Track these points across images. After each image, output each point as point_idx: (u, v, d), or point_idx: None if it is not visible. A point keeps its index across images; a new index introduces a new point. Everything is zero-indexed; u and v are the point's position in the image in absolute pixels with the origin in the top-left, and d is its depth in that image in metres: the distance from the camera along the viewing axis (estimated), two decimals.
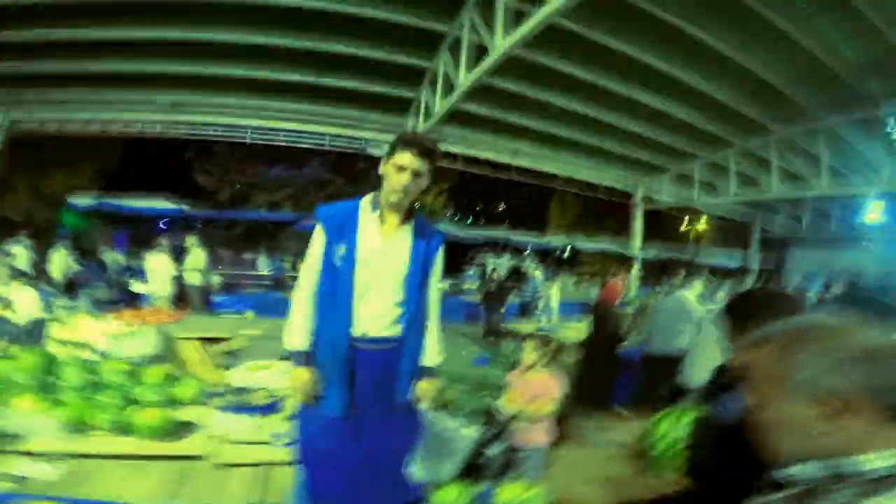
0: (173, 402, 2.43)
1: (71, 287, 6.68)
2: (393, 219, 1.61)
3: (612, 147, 9.60)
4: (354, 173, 17.04)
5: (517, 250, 19.94)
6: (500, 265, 19.00)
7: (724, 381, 1.32)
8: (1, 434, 1.77)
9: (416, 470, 1.54)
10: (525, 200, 24.97)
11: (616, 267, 6.74)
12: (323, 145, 9.80)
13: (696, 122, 8.11)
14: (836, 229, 14.07)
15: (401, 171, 1.51)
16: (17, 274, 4.76)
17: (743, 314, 1.10)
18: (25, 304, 4.35)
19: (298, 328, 1.60)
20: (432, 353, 1.69)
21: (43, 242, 7.90)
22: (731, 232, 21.10)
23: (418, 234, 1.63)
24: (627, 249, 13.61)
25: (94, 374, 2.52)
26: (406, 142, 1.53)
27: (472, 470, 2.30)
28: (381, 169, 1.57)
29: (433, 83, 6.84)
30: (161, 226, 13.44)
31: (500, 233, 17.59)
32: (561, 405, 2.49)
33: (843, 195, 10.17)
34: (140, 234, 13.63)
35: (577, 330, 6.20)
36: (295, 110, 8.65)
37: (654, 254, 16.16)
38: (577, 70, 6.53)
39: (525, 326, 6.75)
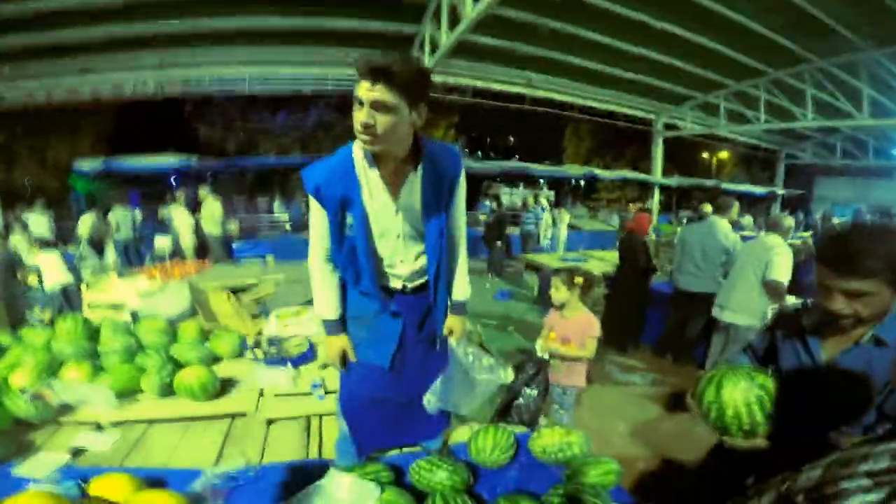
0: (212, 358, 2.48)
1: (98, 247, 6.77)
2: (395, 166, 1.35)
3: (633, 76, 9.05)
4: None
5: (532, 181, 19.51)
6: (514, 196, 18.73)
7: (796, 325, 1.22)
8: (55, 405, 1.81)
9: (436, 399, 1.54)
10: (539, 132, 24.10)
11: (638, 194, 6.52)
12: (326, 88, 9.36)
13: (726, 52, 7.56)
14: (871, 159, 13.24)
15: (359, 107, 1.20)
16: (39, 241, 4.80)
17: (845, 255, 0.97)
18: (52, 269, 4.42)
19: (324, 296, 1.51)
20: (461, 287, 1.62)
21: (58, 209, 7.94)
22: (755, 160, 20.13)
23: (430, 172, 1.39)
24: (648, 177, 13.20)
25: (132, 335, 2.57)
26: (360, 68, 1.18)
27: (507, 411, 2.35)
28: None
29: (437, 16, 6.38)
30: (172, 181, 13.34)
31: (514, 164, 16.99)
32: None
33: (883, 126, 9.54)
34: (153, 191, 13.69)
35: (602, 261, 6.15)
36: (293, 55, 8.21)
37: (677, 181, 15.49)
38: None
39: (546, 258, 6.69)
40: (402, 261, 1.48)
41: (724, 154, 21.84)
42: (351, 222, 1.39)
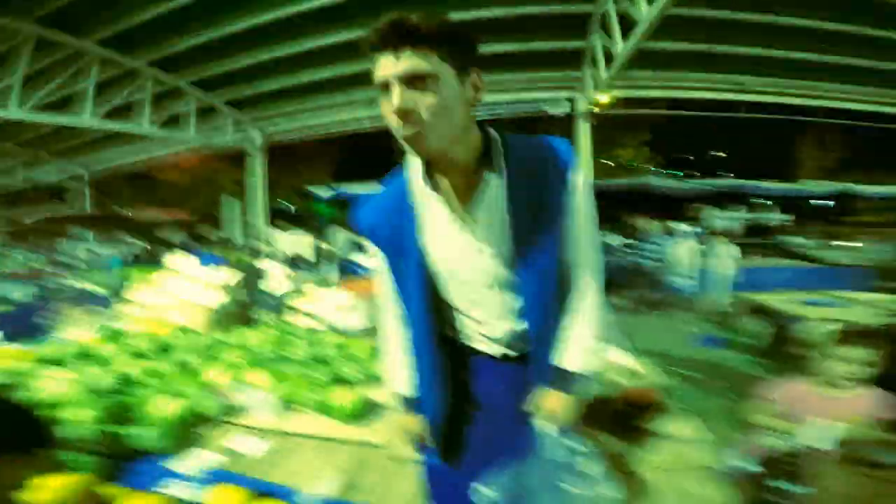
0: (373, 380, 2.50)
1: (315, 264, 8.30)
2: (462, 184, 0.95)
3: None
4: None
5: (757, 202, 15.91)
6: (732, 220, 15.53)
7: None
8: (231, 406, 2.00)
9: (492, 497, 0.99)
10: (762, 144, 19.98)
11: None
12: (500, 114, 9.52)
13: None
14: None
15: (387, 93, 0.83)
16: (278, 257, 5.96)
17: None
18: (277, 277, 5.42)
19: (397, 366, 1.17)
20: (578, 350, 1.03)
21: (308, 229, 10.10)
22: None
23: (519, 177, 0.95)
24: None
25: (315, 345, 2.81)
26: (373, 38, 0.82)
27: None
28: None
29: (605, 26, 5.93)
30: None
31: (726, 181, 14.00)
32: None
33: None
34: None
35: (872, 306, 4.36)
36: None
37: None
38: None
39: (782, 299, 5.09)
40: (496, 317, 1.06)
41: None
42: (408, 270, 1.02)
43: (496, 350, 1.11)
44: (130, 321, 3.43)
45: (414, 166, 0.99)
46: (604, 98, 7.88)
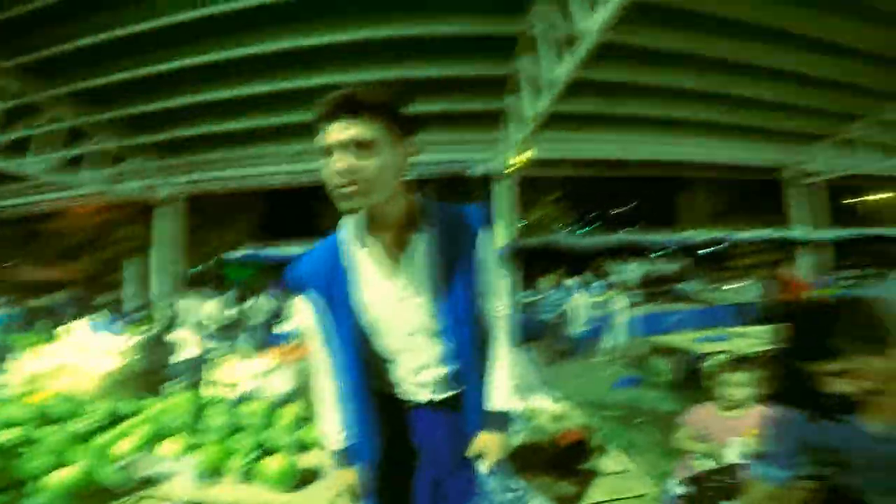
0: (302, 447, 2.34)
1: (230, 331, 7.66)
2: (389, 240, 1.08)
3: (748, 121, 8.32)
4: (461, 199, 17.36)
5: (647, 252, 17.81)
6: (631, 272, 17.12)
7: None
8: (146, 478, 1.80)
9: None
10: (656, 197, 22.74)
11: (781, 256, 5.46)
12: (424, 174, 9.89)
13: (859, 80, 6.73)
14: None
15: (330, 157, 0.96)
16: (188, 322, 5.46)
17: None
18: (187, 343, 4.95)
19: (330, 420, 1.20)
20: (501, 391, 1.16)
21: (212, 293, 9.29)
22: None
23: (440, 241, 1.09)
24: (796, 233, 11.27)
25: (234, 415, 2.58)
26: (326, 108, 0.96)
27: None
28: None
29: (516, 89, 6.60)
30: None
31: (621, 237, 15.61)
32: None
33: None
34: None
35: (751, 338, 5.03)
36: None
37: (834, 234, 12.89)
38: (689, 42, 5.81)
39: (680, 339, 5.69)
40: (422, 363, 1.14)
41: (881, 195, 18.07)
42: (340, 323, 1.10)
43: (425, 396, 1.17)
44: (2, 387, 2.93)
45: (347, 227, 1.11)
46: (519, 158, 8.61)
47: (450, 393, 1.16)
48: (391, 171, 0.99)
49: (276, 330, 7.98)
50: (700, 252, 19.48)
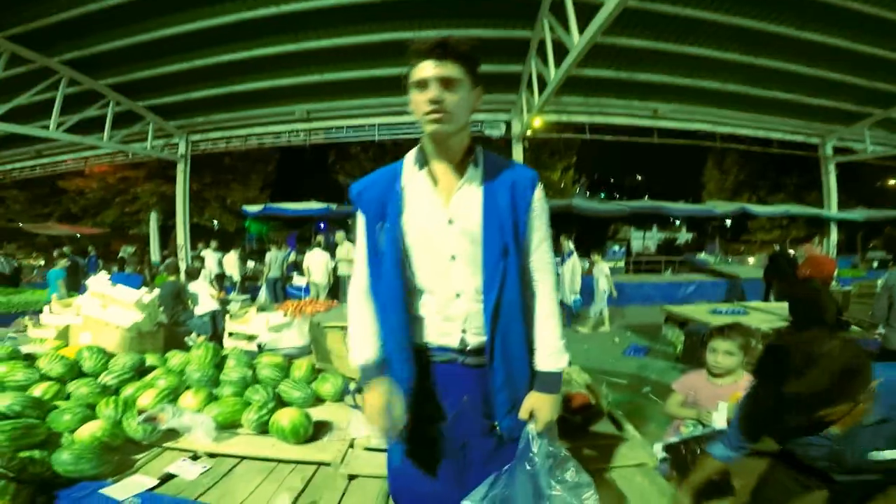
0: (315, 400, 2.42)
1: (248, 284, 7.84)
2: (447, 170, 1.15)
3: (787, 96, 7.87)
4: None
5: (668, 222, 17.43)
6: (648, 240, 16.87)
7: None
8: (163, 430, 1.88)
9: None
10: (674, 167, 22.01)
11: (805, 232, 5.23)
12: None
13: None
14: None
15: (423, 88, 1.08)
16: (203, 273, 5.61)
17: None
18: (204, 297, 5.08)
19: (362, 335, 1.21)
20: (548, 350, 1.16)
21: (232, 246, 9.46)
22: None
23: (493, 180, 1.15)
24: (822, 211, 10.86)
25: (250, 367, 2.67)
26: (422, 48, 1.08)
27: None
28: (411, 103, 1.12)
29: (541, 51, 6.31)
30: (320, 225, 15.06)
31: (644, 203, 15.07)
32: None
33: None
34: (306, 234, 15.60)
35: (767, 313, 4.97)
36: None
37: (863, 215, 12.33)
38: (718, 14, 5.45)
39: (693, 310, 5.66)
40: (460, 294, 1.13)
41: None
42: (385, 235, 1.14)
43: (454, 340, 1.15)
44: (36, 342, 3.07)
45: (410, 154, 1.22)
46: (537, 122, 8.36)
47: (481, 339, 1.14)
48: (467, 107, 1.12)
49: (293, 284, 8.17)
50: (714, 223, 19.03)
